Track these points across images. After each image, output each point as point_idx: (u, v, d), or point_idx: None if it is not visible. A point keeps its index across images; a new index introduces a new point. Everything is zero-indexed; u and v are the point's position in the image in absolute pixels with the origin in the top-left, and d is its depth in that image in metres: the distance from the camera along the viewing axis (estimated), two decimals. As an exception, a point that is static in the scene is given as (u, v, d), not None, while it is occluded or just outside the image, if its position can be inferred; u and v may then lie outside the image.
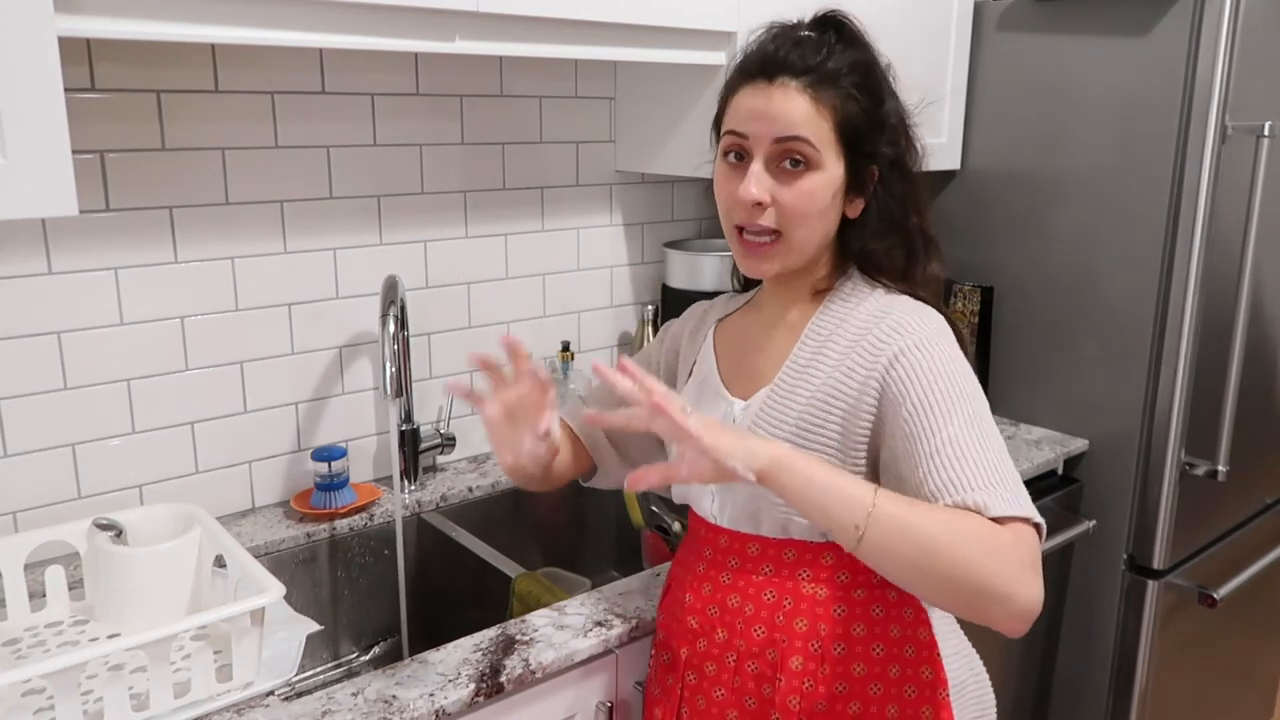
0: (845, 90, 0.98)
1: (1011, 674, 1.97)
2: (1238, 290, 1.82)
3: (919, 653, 1.02)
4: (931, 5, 1.91)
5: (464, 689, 1.07)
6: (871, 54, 1.03)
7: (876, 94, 1.01)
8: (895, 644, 1.01)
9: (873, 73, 1.02)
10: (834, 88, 0.98)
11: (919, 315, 0.99)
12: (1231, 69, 1.70)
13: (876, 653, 1.01)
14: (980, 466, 0.89)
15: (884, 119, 1.01)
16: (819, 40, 1.01)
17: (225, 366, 1.49)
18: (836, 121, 0.98)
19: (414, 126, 1.61)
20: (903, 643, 1.02)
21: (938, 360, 0.95)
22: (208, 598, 1.21)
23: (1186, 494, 1.91)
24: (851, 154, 0.99)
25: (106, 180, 1.34)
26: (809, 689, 1.01)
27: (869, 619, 1.01)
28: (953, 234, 2.11)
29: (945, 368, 0.94)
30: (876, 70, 1.02)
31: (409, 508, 1.59)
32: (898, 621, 1.02)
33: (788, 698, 1.01)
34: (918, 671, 1.01)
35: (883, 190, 1.02)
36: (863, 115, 0.99)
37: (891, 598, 1.02)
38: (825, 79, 0.98)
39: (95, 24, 1.02)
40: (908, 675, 1.01)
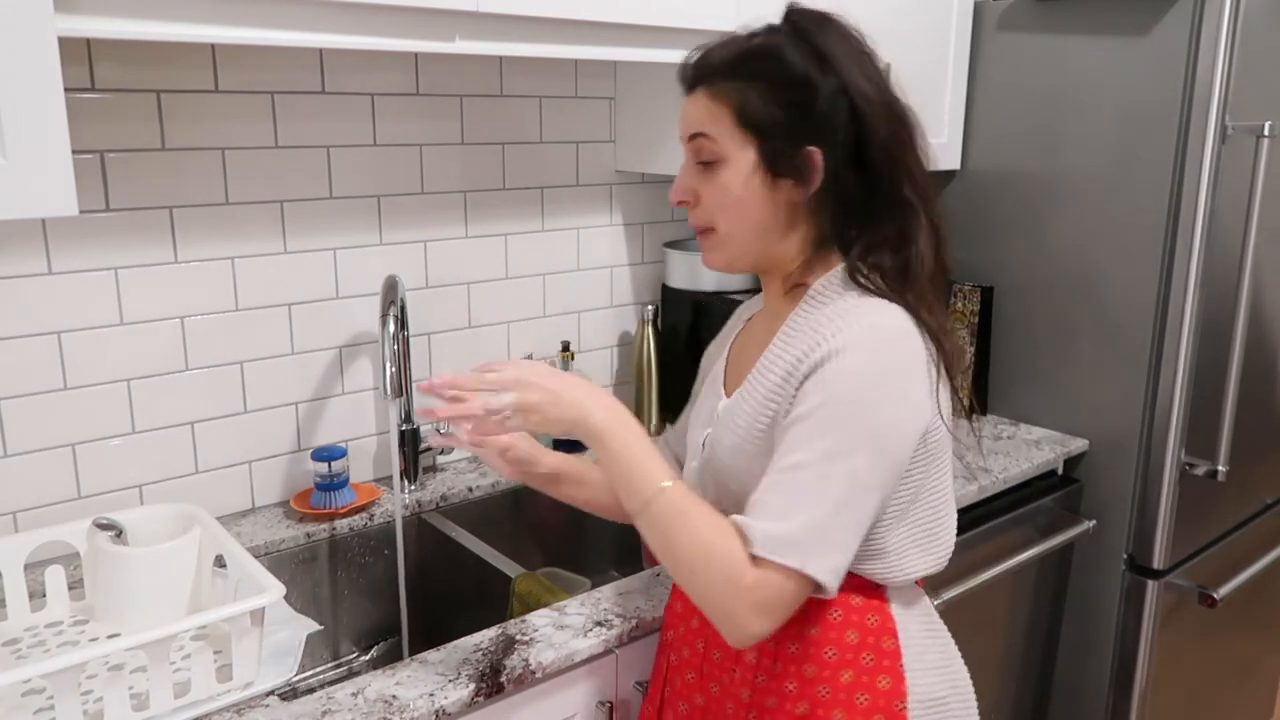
0: (744, 77, 0.97)
1: (1011, 674, 1.97)
2: (1238, 290, 1.82)
3: (878, 661, 0.99)
4: (931, 5, 1.91)
5: (464, 689, 1.07)
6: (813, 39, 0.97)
7: (791, 74, 0.95)
8: (851, 649, 0.99)
9: (783, 54, 0.96)
10: (730, 79, 0.97)
11: (864, 326, 0.92)
12: (1231, 69, 1.70)
13: (828, 656, 0.99)
14: (794, 502, 0.89)
15: (807, 98, 0.95)
16: (742, 40, 1.00)
17: (225, 366, 1.49)
18: (734, 110, 0.97)
19: (414, 126, 1.61)
20: (860, 649, 0.99)
21: (847, 380, 0.90)
22: (208, 598, 1.21)
23: (1186, 494, 1.91)
24: (764, 139, 0.97)
25: (106, 180, 1.34)
26: (760, 683, 1.02)
27: (825, 622, 1.00)
28: (953, 234, 2.10)
29: (849, 391, 0.90)
30: (789, 50, 0.96)
31: (409, 508, 1.59)
32: (857, 628, 1.00)
33: (740, 689, 1.03)
34: (874, 680, 0.99)
35: (840, 172, 0.96)
36: (770, 98, 0.96)
37: (855, 603, 1.00)
38: (719, 73, 0.98)
39: (95, 24, 1.02)
40: (861, 683, 0.99)
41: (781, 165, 0.96)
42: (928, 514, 1.00)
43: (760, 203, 0.98)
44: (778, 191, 0.97)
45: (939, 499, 1.00)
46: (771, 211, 0.98)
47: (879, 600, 1.01)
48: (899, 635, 1.01)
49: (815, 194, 0.97)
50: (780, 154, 0.96)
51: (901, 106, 0.99)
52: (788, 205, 0.98)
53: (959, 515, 1.70)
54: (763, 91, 0.96)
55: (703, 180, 1.00)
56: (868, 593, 1.01)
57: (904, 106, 0.99)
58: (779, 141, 0.96)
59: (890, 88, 0.99)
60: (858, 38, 0.99)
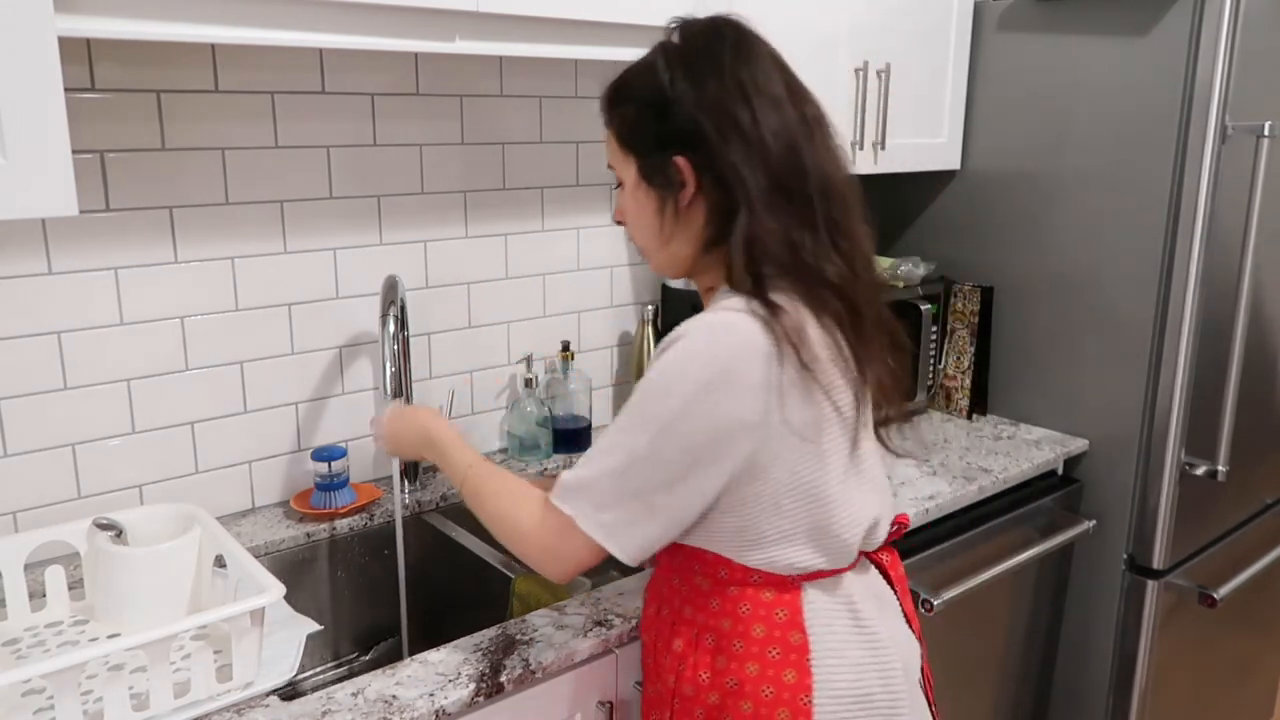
0: (622, 101, 1.05)
1: (1011, 674, 1.97)
2: (1238, 290, 1.82)
3: (785, 655, 1.01)
4: (931, 5, 1.91)
5: (464, 689, 1.07)
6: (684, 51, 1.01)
7: (654, 89, 1.00)
8: (758, 643, 1.02)
9: (651, 70, 1.01)
10: (615, 104, 1.06)
11: (700, 319, 0.97)
12: (1231, 69, 1.70)
13: (736, 648, 1.02)
14: (590, 460, 1.00)
15: (668, 111, 0.99)
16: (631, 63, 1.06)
17: (225, 366, 1.49)
18: (616, 133, 1.06)
19: (414, 126, 1.61)
20: (767, 643, 1.01)
21: (662, 366, 0.97)
22: (208, 598, 1.21)
23: (1186, 494, 1.91)
24: (639, 154, 1.03)
25: (106, 180, 1.34)
26: (681, 671, 1.06)
27: (736, 615, 1.03)
28: (953, 234, 2.12)
29: (659, 377, 0.96)
30: (658, 66, 1.01)
31: (409, 508, 1.59)
32: (764, 622, 1.02)
33: (668, 676, 1.08)
34: (780, 673, 1.01)
35: (713, 176, 0.99)
36: (637, 113, 1.03)
37: (765, 598, 1.02)
38: (608, 100, 1.07)
39: (95, 24, 1.02)
40: (767, 675, 1.01)
41: (655, 177, 1.02)
42: (803, 508, 0.99)
43: (650, 214, 1.04)
44: (661, 201, 1.03)
45: (818, 493, 0.99)
46: (659, 220, 1.03)
47: (791, 595, 1.02)
48: (807, 630, 1.02)
49: (694, 199, 1.01)
50: (653, 166, 1.02)
51: (787, 109, 1.00)
52: (673, 213, 1.02)
53: (959, 515, 1.73)
54: (633, 110, 1.03)
55: (620, 199, 1.09)
56: (781, 588, 1.02)
57: (789, 109, 1.00)
58: (650, 155, 1.02)
59: (765, 88, 0.99)
60: (741, 43, 1.01)
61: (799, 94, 1.02)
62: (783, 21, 1.66)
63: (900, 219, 2.21)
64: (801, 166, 0.98)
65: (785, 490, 0.98)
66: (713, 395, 0.93)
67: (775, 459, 0.96)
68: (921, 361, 2.05)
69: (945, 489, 1.70)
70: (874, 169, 1.89)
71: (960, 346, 2.09)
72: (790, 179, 0.97)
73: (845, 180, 1.02)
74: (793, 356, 0.93)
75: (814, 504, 0.99)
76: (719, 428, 0.94)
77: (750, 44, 1.02)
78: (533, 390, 1.78)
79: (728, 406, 0.93)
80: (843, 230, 1.01)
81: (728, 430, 0.94)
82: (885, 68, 1.84)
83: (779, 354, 0.93)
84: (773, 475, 0.97)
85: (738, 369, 0.93)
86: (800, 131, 0.99)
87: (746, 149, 0.97)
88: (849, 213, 1.02)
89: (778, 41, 1.05)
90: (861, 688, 1.03)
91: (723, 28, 1.02)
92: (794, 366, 0.94)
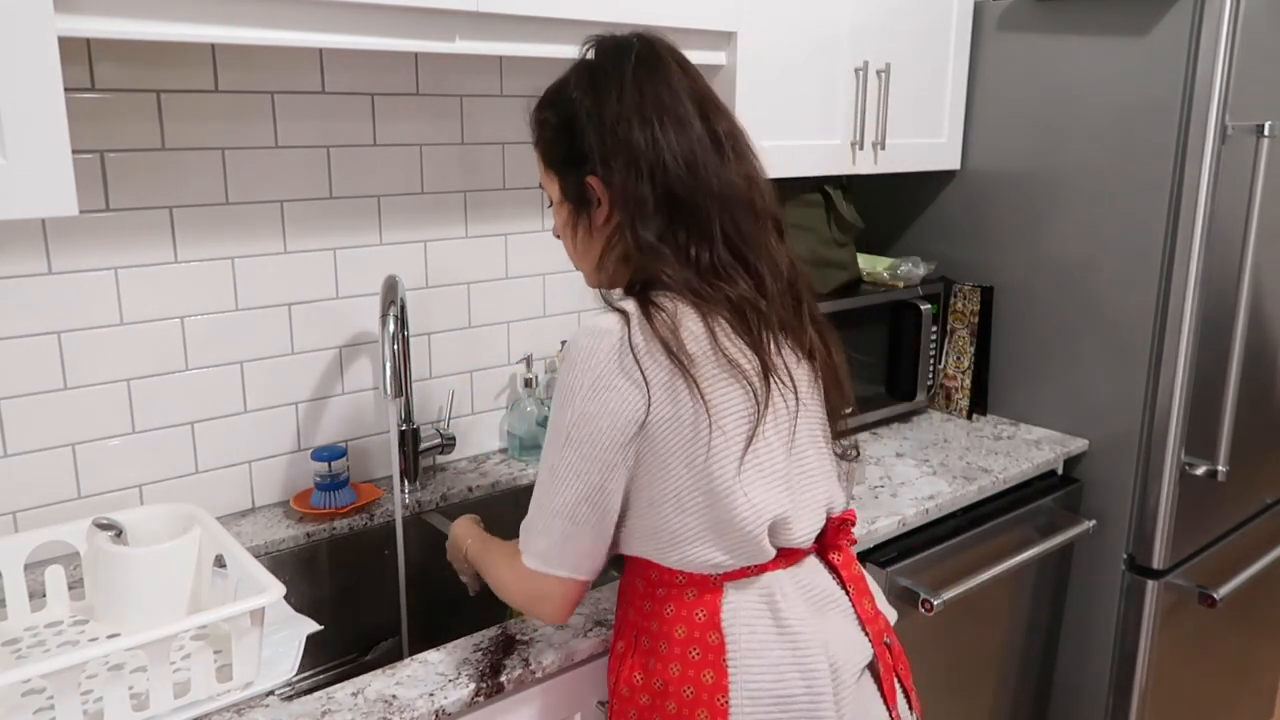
0: (540, 122, 1.08)
1: (1011, 674, 1.97)
2: (1238, 290, 1.82)
3: (704, 655, 1.02)
4: (931, 5, 1.91)
5: (464, 689, 1.07)
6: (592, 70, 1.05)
7: (564, 110, 1.05)
8: (680, 644, 1.03)
9: (563, 92, 1.06)
10: (537, 125, 1.09)
11: (578, 330, 1.01)
12: (1231, 69, 1.70)
13: (662, 649, 1.04)
14: (535, 514, 1.04)
15: (575, 131, 1.03)
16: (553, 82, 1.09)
17: (225, 366, 1.49)
18: (540, 154, 1.09)
19: (414, 126, 1.61)
20: (688, 644, 1.03)
21: (559, 388, 1.00)
22: (208, 598, 1.21)
23: (1186, 494, 1.91)
24: (559, 175, 1.07)
25: (106, 180, 1.34)
26: (620, 671, 1.09)
27: (662, 616, 1.05)
28: (953, 234, 2.12)
29: (558, 398, 1.00)
30: (570, 87, 1.05)
31: (409, 508, 1.59)
32: (685, 623, 1.03)
33: (609, 676, 1.11)
34: (700, 674, 1.02)
35: (621, 193, 1.02)
36: (554, 133, 1.06)
37: (687, 598, 1.03)
38: (533, 120, 1.10)
39: (95, 24, 1.02)
40: (689, 676, 1.02)
41: (572, 194, 1.06)
42: (703, 503, 0.99)
43: (577, 232, 1.08)
44: (576, 218, 1.07)
45: (713, 488, 0.99)
46: (586, 238, 1.07)
47: (711, 596, 1.03)
48: (724, 630, 1.02)
49: (609, 216, 1.04)
50: (571, 186, 1.06)
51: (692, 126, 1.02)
52: (587, 231, 1.07)
53: (959, 515, 1.73)
54: (550, 132, 1.07)
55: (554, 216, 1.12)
56: (702, 588, 1.03)
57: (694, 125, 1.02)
58: (569, 175, 1.06)
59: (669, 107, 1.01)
60: (647, 61, 1.03)
61: (709, 110, 1.04)
62: (783, 21, 1.67)
63: (900, 219, 2.21)
64: (701, 183, 1.01)
65: (686, 487, 0.99)
66: (598, 397, 0.97)
67: (669, 455, 0.98)
68: (921, 361, 2.05)
69: (945, 489, 1.70)
70: (874, 169, 1.89)
71: (960, 346, 2.09)
72: (687, 194, 1.00)
73: (754, 193, 1.05)
74: (662, 352, 0.96)
75: (712, 499, 0.99)
76: (613, 426, 0.97)
77: (656, 62, 1.04)
78: (533, 390, 1.78)
79: (613, 405, 0.97)
80: (748, 240, 1.03)
81: (621, 428, 0.97)
82: (885, 68, 1.84)
83: (648, 350, 0.96)
84: (671, 472, 0.99)
85: (612, 369, 0.97)
86: (705, 148, 1.02)
87: (639, 168, 1.00)
88: (755, 223, 1.04)
89: (779, 41, 1.05)
90: (782, 688, 1.02)
91: (633, 46, 1.05)
92: (667, 362, 0.96)
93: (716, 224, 1.01)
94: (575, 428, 0.98)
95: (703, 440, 0.98)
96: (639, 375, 0.96)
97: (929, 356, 2.07)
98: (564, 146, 1.05)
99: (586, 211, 1.05)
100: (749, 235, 1.03)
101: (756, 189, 1.05)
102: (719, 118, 1.05)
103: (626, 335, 0.97)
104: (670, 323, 0.97)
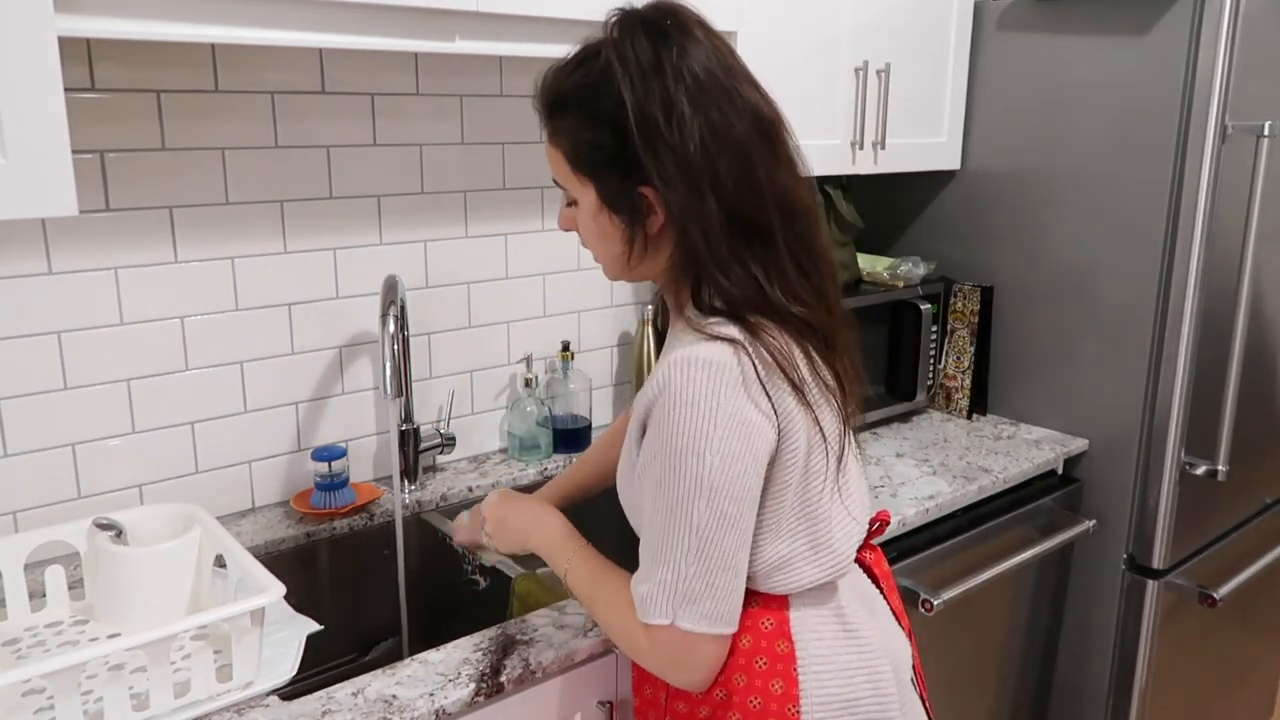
0: (572, 115, 0.96)
1: (1011, 674, 1.97)
2: (1238, 290, 1.82)
3: (772, 665, 1.00)
4: (931, 5, 1.91)
5: (464, 689, 1.07)
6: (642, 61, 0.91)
7: (613, 111, 0.91)
8: (745, 654, 1.00)
9: (605, 84, 0.92)
10: (561, 117, 0.97)
11: (680, 363, 0.91)
12: (1231, 69, 1.70)
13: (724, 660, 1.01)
14: (653, 559, 0.94)
15: (627, 138, 0.91)
16: (571, 65, 0.96)
17: (225, 366, 1.49)
18: (566, 155, 0.98)
19: (414, 126, 1.61)
20: (754, 653, 1.00)
21: (670, 427, 0.91)
22: (208, 598, 1.21)
23: (1186, 494, 1.91)
24: (598, 181, 0.96)
25: (106, 180, 1.34)
26: (673, 688, 1.04)
27: None
28: (953, 234, 2.11)
29: (672, 439, 0.90)
30: (613, 77, 0.91)
31: (409, 508, 1.59)
32: (751, 633, 1.00)
33: (659, 693, 1.07)
34: (768, 684, 0.99)
35: (681, 204, 0.92)
36: (592, 134, 0.94)
37: (753, 607, 1.00)
38: (552, 110, 0.98)
39: (95, 24, 1.02)
40: (755, 686, 0.99)
41: (619, 205, 0.96)
42: (803, 528, 0.98)
43: (614, 238, 0.98)
44: (626, 226, 0.96)
45: (814, 512, 0.98)
46: (628, 250, 0.97)
47: (778, 605, 1.01)
48: (794, 639, 1.01)
49: (664, 226, 0.95)
50: (616, 194, 0.95)
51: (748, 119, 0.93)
52: (643, 243, 0.97)
53: (959, 515, 1.73)
54: (587, 133, 0.95)
55: (572, 212, 1.02)
56: (766, 598, 1.01)
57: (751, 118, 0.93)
58: (611, 183, 0.95)
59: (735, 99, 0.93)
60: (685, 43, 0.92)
61: (756, 96, 0.95)
62: (783, 21, 1.67)
63: (900, 219, 2.21)
64: (764, 193, 0.93)
65: (789, 514, 0.97)
66: (737, 434, 0.90)
67: (783, 485, 0.95)
68: (921, 361, 2.05)
69: (945, 489, 1.70)
70: (874, 169, 1.89)
71: (960, 346, 2.09)
72: (752, 209, 0.93)
73: (805, 192, 0.97)
74: (782, 379, 0.92)
75: (812, 523, 0.98)
76: (755, 463, 0.92)
77: (701, 48, 0.92)
78: (533, 390, 1.78)
79: (754, 441, 0.91)
80: (807, 249, 0.97)
81: (760, 462, 0.93)
82: (885, 68, 1.84)
83: (769, 379, 0.91)
84: (779, 500, 0.96)
85: (742, 402, 0.90)
86: (759, 148, 0.93)
87: (701, 182, 0.91)
88: (812, 227, 0.98)
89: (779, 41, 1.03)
90: (849, 692, 1.02)
91: (669, 32, 0.92)
92: (788, 389, 0.93)
93: (779, 239, 0.94)
94: (718, 473, 0.90)
95: (815, 466, 0.96)
96: (768, 406, 0.91)
97: (929, 356, 2.07)
98: (610, 151, 0.93)
99: (637, 221, 0.95)
100: (808, 242, 0.97)
101: (806, 186, 0.98)
102: (763, 101, 0.95)
103: (749, 365, 0.91)
104: (783, 349, 0.93)
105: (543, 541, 1.14)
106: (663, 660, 0.97)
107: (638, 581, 0.97)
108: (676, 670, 0.98)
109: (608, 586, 1.03)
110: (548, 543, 1.13)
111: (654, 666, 0.99)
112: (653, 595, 0.94)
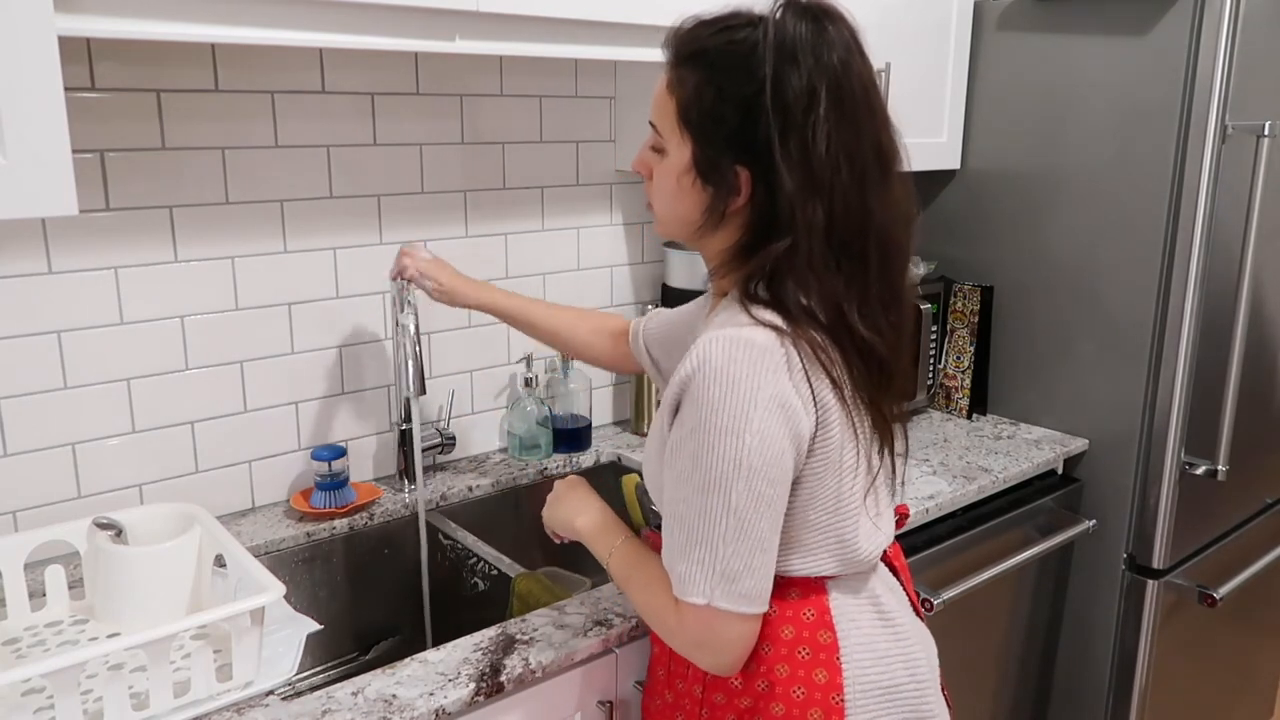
0: (703, 71, 0.92)
1: (1011, 674, 1.97)
2: (1238, 290, 1.82)
3: (815, 655, 1.00)
4: (931, 5, 1.91)
5: (464, 689, 1.07)
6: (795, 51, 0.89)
7: (746, 89, 0.89)
8: (787, 644, 1.00)
9: (748, 61, 0.89)
10: (689, 67, 0.93)
11: (721, 340, 0.90)
12: (1231, 69, 1.70)
13: (765, 651, 1.00)
14: (688, 539, 0.93)
15: (752, 118, 0.90)
16: (721, 25, 0.93)
17: (225, 366, 1.49)
18: (679, 106, 0.94)
19: (414, 126, 1.61)
20: (796, 644, 1.00)
21: (708, 406, 0.89)
22: (208, 597, 1.21)
23: (1186, 494, 1.91)
24: (699, 144, 0.94)
25: (106, 180, 1.34)
26: (710, 679, 1.04)
27: (765, 617, 0.99)
28: (953, 234, 2.11)
29: (710, 418, 0.89)
30: (759, 58, 0.89)
31: (409, 507, 1.59)
32: (793, 623, 1.00)
33: (694, 686, 1.06)
34: (811, 674, 1.00)
35: (770, 194, 0.91)
36: (715, 106, 0.92)
37: (791, 598, 1.00)
38: (683, 57, 0.94)
39: (95, 24, 1.02)
40: (798, 676, 1.00)
41: (711, 175, 0.94)
42: (827, 521, 0.98)
43: (690, 202, 0.96)
44: (705, 195, 0.95)
45: (841, 507, 0.98)
46: (699, 212, 0.96)
47: (818, 594, 1.01)
48: (836, 628, 1.01)
49: (742, 207, 0.95)
50: (711, 163, 0.94)
51: (871, 144, 0.92)
52: (715, 210, 0.95)
53: (959, 514, 1.74)
54: (713, 95, 0.92)
55: (654, 160, 1.00)
56: (806, 589, 1.01)
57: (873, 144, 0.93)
58: (712, 151, 0.93)
59: (869, 120, 0.92)
60: (844, 52, 0.91)
61: (882, 114, 0.94)
62: (783, 21, 1.67)
63: (900, 219, 2.21)
64: (865, 220, 0.92)
65: (812, 502, 0.97)
66: (776, 414, 0.90)
67: (813, 475, 0.95)
68: (921, 361, 2.05)
69: (945, 489, 1.70)
70: (874, 169, 1.89)
71: (960, 346, 2.09)
72: (850, 234, 0.92)
73: (901, 232, 0.96)
74: (823, 372, 0.92)
75: (839, 517, 0.98)
76: (793, 445, 0.92)
77: (853, 56, 0.91)
78: (533, 390, 1.78)
79: (794, 423, 0.91)
80: (892, 285, 0.96)
81: (797, 446, 0.92)
82: (885, 67, 1.83)
83: (812, 369, 0.91)
84: (806, 488, 0.96)
85: (784, 385, 0.90)
86: (873, 170, 0.92)
87: (812, 190, 0.90)
88: (901, 267, 0.97)
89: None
90: (890, 679, 1.03)
91: (828, 32, 0.91)
92: (828, 381, 0.92)
93: (871, 271, 0.93)
94: (757, 454, 0.89)
95: (847, 461, 0.96)
96: (809, 392, 0.91)
97: (929, 356, 2.07)
98: (726, 123, 0.91)
99: (723, 197, 0.94)
100: (893, 279, 0.96)
101: (904, 225, 0.96)
102: (891, 132, 0.94)
103: (793, 352, 0.90)
104: (825, 347, 0.92)
105: (587, 525, 1.15)
106: (690, 639, 0.97)
107: (672, 560, 0.95)
108: (702, 651, 0.97)
109: (645, 569, 1.04)
110: (592, 527, 1.14)
111: (681, 646, 0.99)
112: (690, 574, 0.93)
